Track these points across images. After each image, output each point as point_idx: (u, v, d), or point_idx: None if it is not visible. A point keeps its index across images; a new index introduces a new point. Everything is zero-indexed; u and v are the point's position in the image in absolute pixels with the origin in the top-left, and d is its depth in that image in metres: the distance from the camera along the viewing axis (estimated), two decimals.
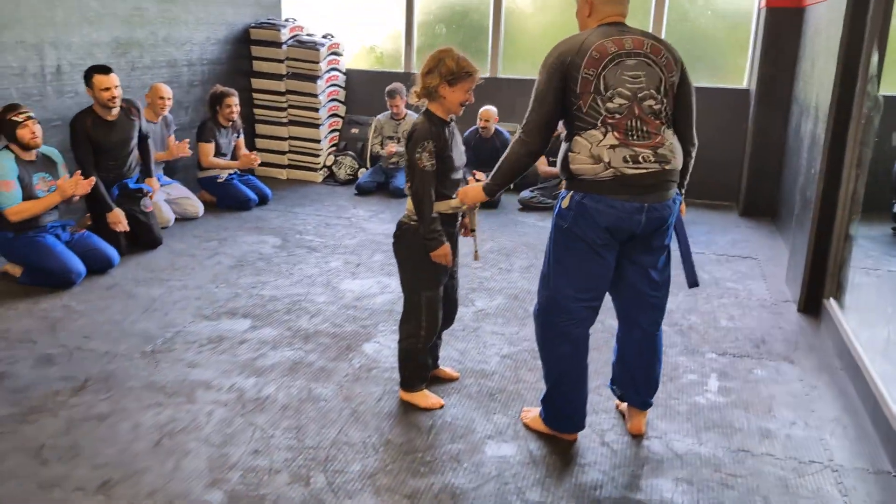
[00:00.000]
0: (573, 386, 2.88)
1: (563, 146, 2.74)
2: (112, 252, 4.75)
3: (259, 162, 6.57)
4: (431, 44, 7.91)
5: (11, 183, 4.28)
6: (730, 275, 5.07)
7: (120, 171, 5.16)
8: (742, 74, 7.17)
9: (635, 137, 2.62)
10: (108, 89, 4.89)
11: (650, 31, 7.09)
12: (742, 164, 6.87)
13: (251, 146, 7.60)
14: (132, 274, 4.73)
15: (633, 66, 2.63)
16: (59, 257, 4.39)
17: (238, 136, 6.60)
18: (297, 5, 8.13)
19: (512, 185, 7.37)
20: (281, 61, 7.43)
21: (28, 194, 4.41)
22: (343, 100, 7.95)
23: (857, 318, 3.87)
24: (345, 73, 7.90)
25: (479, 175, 6.88)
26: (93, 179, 4.56)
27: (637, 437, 3.03)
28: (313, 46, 7.35)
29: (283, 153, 7.71)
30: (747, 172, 6.72)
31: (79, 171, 4.57)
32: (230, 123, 6.41)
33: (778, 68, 6.39)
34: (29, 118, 4.38)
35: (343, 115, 7.99)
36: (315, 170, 7.67)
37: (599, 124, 2.62)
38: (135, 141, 5.24)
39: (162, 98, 5.70)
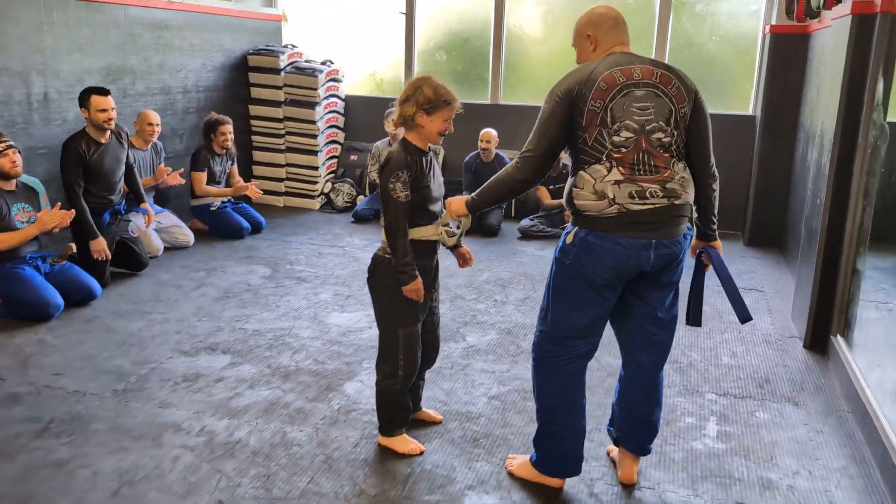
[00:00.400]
0: (566, 424, 2.71)
1: (569, 180, 2.61)
2: (93, 284, 4.62)
3: (260, 194, 6.47)
4: (432, 70, 7.81)
5: None
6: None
7: (110, 196, 5.07)
8: (748, 100, 7.01)
9: (642, 172, 2.47)
10: (104, 110, 4.84)
11: (653, 57, 7.00)
12: (748, 192, 6.69)
13: (249, 173, 7.51)
14: (114, 306, 4.59)
15: (641, 96, 2.48)
16: (36, 290, 4.26)
17: (232, 164, 6.50)
18: (298, 32, 8.08)
19: (513, 213, 7.32)
20: (279, 88, 7.34)
21: (5, 225, 4.29)
22: (342, 126, 7.85)
23: (865, 356, 3.67)
24: (344, 100, 7.80)
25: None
26: (73, 212, 4.43)
27: (628, 487, 2.83)
28: (311, 73, 7.26)
29: (281, 180, 7.60)
30: (753, 200, 6.54)
31: (59, 203, 4.45)
32: (224, 151, 6.31)
33: (784, 94, 6.23)
34: (9, 147, 4.27)
35: (342, 141, 7.89)
36: (312, 197, 7.55)
37: (604, 158, 2.48)
38: (124, 166, 5.15)
39: (150, 125, 5.60)
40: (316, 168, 7.49)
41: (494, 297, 4.97)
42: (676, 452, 3.09)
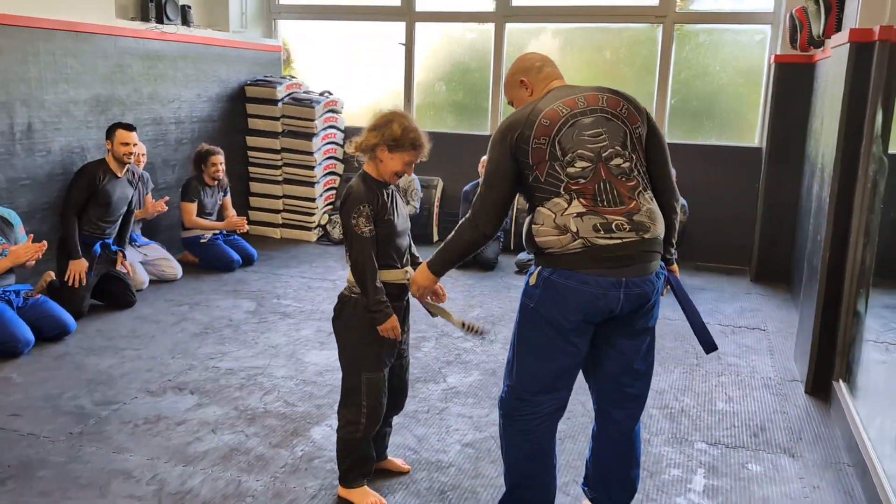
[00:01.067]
0: (535, 491, 2.50)
1: (527, 218, 2.43)
2: (67, 319, 4.49)
3: (246, 229, 6.36)
4: (432, 101, 7.72)
5: None
6: (733, 349, 4.65)
7: (106, 228, 5.06)
8: (754, 131, 6.82)
9: (605, 203, 2.29)
10: (126, 144, 4.96)
11: (655, 90, 6.87)
12: (754, 226, 6.47)
13: (245, 205, 7.42)
14: (88, 342, 4.45)
15: (590, 123, 2.33)
16: (6, 325, 4.13)
17: (225, 195, 6.40)
18: (299, 63, 8.04)
19: (511, 246, 7.15)
20: (276, 119, 7.26)
21: None
22: (341, 158, 7.74)
23: (868, 403, 3.43)
24: (343, 131, 7.70)
25: None
26: (44, 244, 4.32)
27: None
28: (309, 104, 7.18)
29: (278, 212, 7.49)
30: (759, 235, 6.32)
31: (31, 236, 4.34)
32: (216, 182, 6.22)
33: (790, 125, 6.04)
34: None
35: (341, 172, 7.78)
36: (309, 229, 7.43)
37: (562, 191, 2.31)
38: (126, 204, 5.12)
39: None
40: (313, 199, 7.37)
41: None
42: None
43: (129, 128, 4.98)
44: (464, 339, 4.65)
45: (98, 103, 5.57)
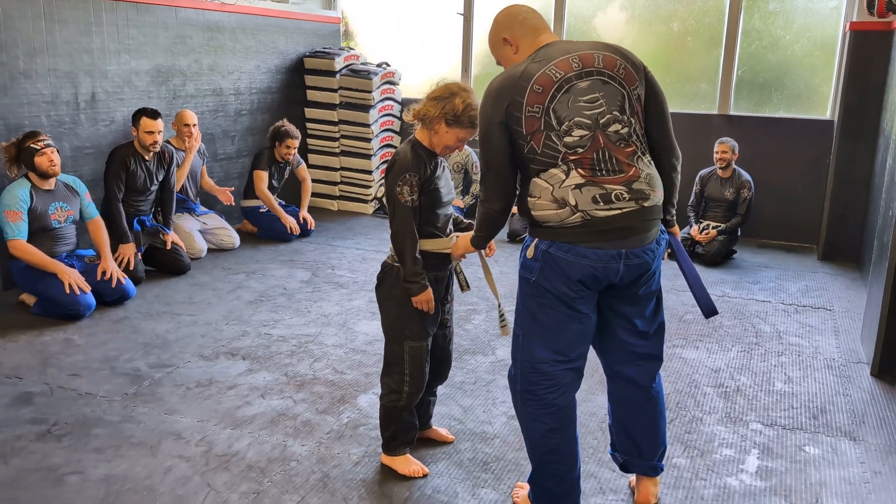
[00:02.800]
0: (562, 464, 2.44)
1: (520, 189, 2.35)
2: (128, 284, 4.60)
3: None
4: (490, 72, 7.61)
5: (19, 214, 4.19)
6: (796, 328, 4.47)
7: (140, 207, 5.13)
8: (825, 104, 6.51)
9: (604, 172, 2.21)
10: (151, 133, 4.94)
11: (721, 61, 6.61)
12: (823, 203, 6.20)
13: None
14: (147, 307, 4.56)
15: (586, 88, 2.23)
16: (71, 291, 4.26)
17: (298, 165, 6.46)
18: (359, 35, 8.02)
19: None
20: (334, 91, 7.27)
21: (42, 224, 4.32)
22: (398, 130, 7.72)
23: None
24: (400, 103, 7.67)
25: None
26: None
27: None
28: (366, 75, 7.16)
29: (335, 184, 7.53)
30: (829, 212, 6.05)
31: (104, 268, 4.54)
32: (283, 161, 6.25)
33: (864, 97, 5.75)
34: (47, 146, 4.29)
35: (397, 145, 7.76)
36: (366, 201, 7.45)
37: (560, 162, 2.23)
38: (157, 185, 5.18)
39: (187, 125, 5.56)
40: (370, 172, 7.38)
41: None
42: (707, 489, 2.78)
43: (154, 115, 4.94)
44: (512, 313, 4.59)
45: (159, 74, 5.66)
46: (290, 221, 6.14)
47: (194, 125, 5.59)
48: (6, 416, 3.18)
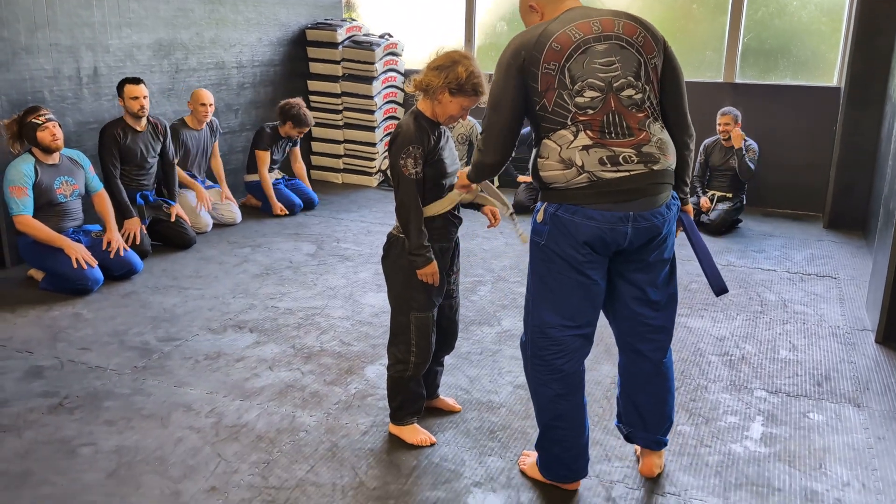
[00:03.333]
0: (569, 429, 2.47)
1: (533, 151, 2.36)
2: (135, 259, 4.63)
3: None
4: (493, 43, 7.56)
5: (24, 189, 4.20)
6: (801, 296, 4.48)
7: (140, 182, 5.13)
8: (832, 71, 6.46)
9: (613, 135, 2.21)
10: (136, 98, 4.89)
11: (727, 29, 6.54)
12: (829, 171, 6.17)
13: (307, 149, 7.46)
14: (154, 281, 4.59)
15: (603, 51, 2.23)
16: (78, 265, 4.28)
17: (294, 145, 6.42)
18: (361, 6, 7.95)
19: None
20: (337, 62, 7.23)
21: (48, 198, 4.33)
22: (401, 101, 7.68)
23: None
24: (403, 74, 7.63)
25: (525, 178, 6.50)
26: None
27: (649, 493, 2.58)
28: (369, 47, 7.12)
29: (339, 157, 7.52)
30: (835, 179, 6.03)
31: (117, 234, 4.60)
32: (287, 137, 6.22)
33: (871, 63, 5.69)
34: (49, 120, 4.29)
35: (401, 117, 7.72)
36: (370, 174, 7.44)
37: (569, 123, 2.23)
38: (156, 157, 5.16)
39: (203, 105, 5.55)
40: (373, 144, 7.36)
41: None
42: (712, 455, 2.81)
43: (136, 81, 4.90)
44: (521, 284, 4.61)
45: (161, 47, 5.63)
46: (278, 209, 6.13)
47: (210, 105, 5.57)
48: (18, 390, 3.22)
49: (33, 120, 4.25)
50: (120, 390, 3.24)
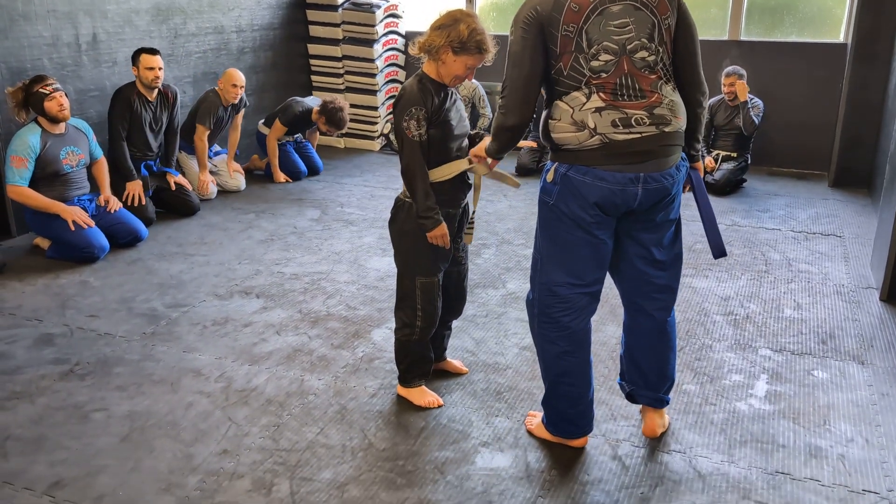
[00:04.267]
0: (575, 386, 2.50)
1: (544, 112, 2.35)
2: (139, 226, 4.64)
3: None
4: (495, 3, 7.46)
5: (25, 161, 4.19)
6: (805, 255, 4.49)
7: (147, 151, 5.11)
8: (839, 27, 6.37)
9: (625, 97, 2.20)
10: (151, 69, 4.88)
11: None
12: (835, 129, 6.13)
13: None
14: (159, 248, 4.60)
15: (618, 12, 2.20)
16: (81, 231, 4.29)
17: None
18: None
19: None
20: (337, 25, 7.15)
21: (54, 168, 4.32)
22: (402, 64, 7.61)
23: None
24: (404, 36, 7.55)
25: (525, 143, 6.44)
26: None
27: (655, 448, 2.62)
28: (369, 9, 7.03)
29: None
30: (840, 138, 5.99)
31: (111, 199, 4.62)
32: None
33: (879, 18, 5.62)
34: (56, 90, 4.27)
35: (403, 80, 7.66)
36: (372, 138, 7.41)
37: (583, 86, 2.22)
38: (164, 125, 5.15)
39: (235, 86, 5.51)
40: (375, 108, 7.32)
41: None
42: (716, 413, 2.84)
43: (153, 52, 4.88)
44: (525, 246, 4.62)
45: (159, 12, 5.57)
46: (281, 178, 6.12)
47: (241, 87, 5.55)
48: (29, 357, 3.26)
49: (40, 90, 4.22)
50: (130, 356, 3.27)
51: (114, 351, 3.32)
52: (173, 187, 5.19)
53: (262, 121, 6.25)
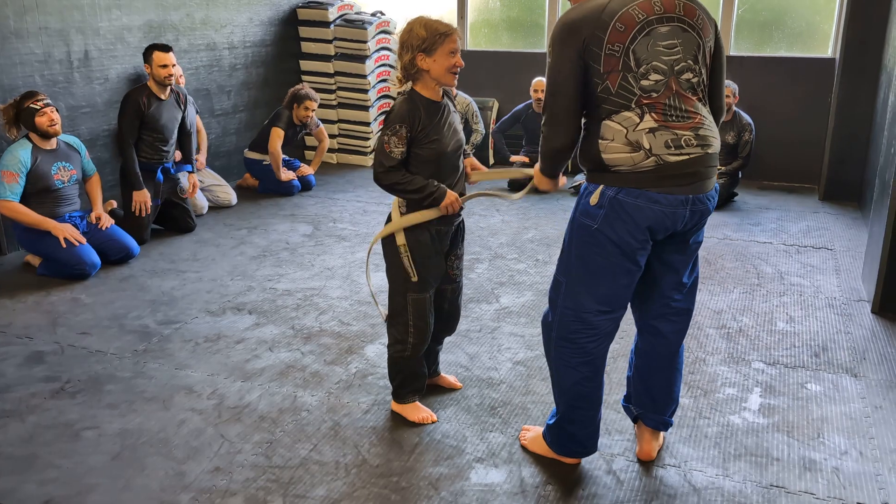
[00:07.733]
0: (590, 410, 2.48)
1: (585, 132, 2.31)
2: (131, 243, 4.62)
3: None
4: (486, 19, 7.51)
5: (16, 176, 4.18)
6: (797, 268, 4.50)
7: (162, 151, 5.06)
8: (827, 42, 6.44)
9: (674, 118, 2.19)
10: (165, 66, 4.89)
11: (721, 1, 6.49)
12: (824, 142, 6.17)
13: None
14: (151, 264, 4.59)
15: (666, 33, 2.18)
16: (73, 249, 4.28)
17: (317, 127, 6.43)
18: None
19: (569, 168, 6.99)
20: (329, 41, 7.18)
21: (45, 184, 4.31)
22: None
23: None
24: (396, 52, 7.55)
25: (518, 158, 6.48)
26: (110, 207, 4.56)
27: (649, 465, 2.61)
28: (361, 25, 7.06)
29: (333, 136, 7.48)
30: (830, 151, 6.03)
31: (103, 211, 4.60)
32: (300, 123, 6.19)
33: (867, 33, 5.67)
34: (47, 105, 4.26)
35: (395, 95, 7.67)
36: (364, 153, 7.42)
37: (634, 105, 2.18)
38: (177, 126, 5.13)
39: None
40: (367, 124, 7.33)
41: (536, 256, 4.74)
42: (710, 427, 2.84)
43: (166, 48, 4.89)
44: (518, 261, 4.62)
45: (151, 29, 5.58)
46: (289, 176, 6.14)
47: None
48: (20, 375, 3.23)
49: (31, 105, 4.22)
50: (121, 374, 3.25)
51: (105, 368, 3.30)
52: (192, 194, 5.24)
53: (248, 147, 6.28)
